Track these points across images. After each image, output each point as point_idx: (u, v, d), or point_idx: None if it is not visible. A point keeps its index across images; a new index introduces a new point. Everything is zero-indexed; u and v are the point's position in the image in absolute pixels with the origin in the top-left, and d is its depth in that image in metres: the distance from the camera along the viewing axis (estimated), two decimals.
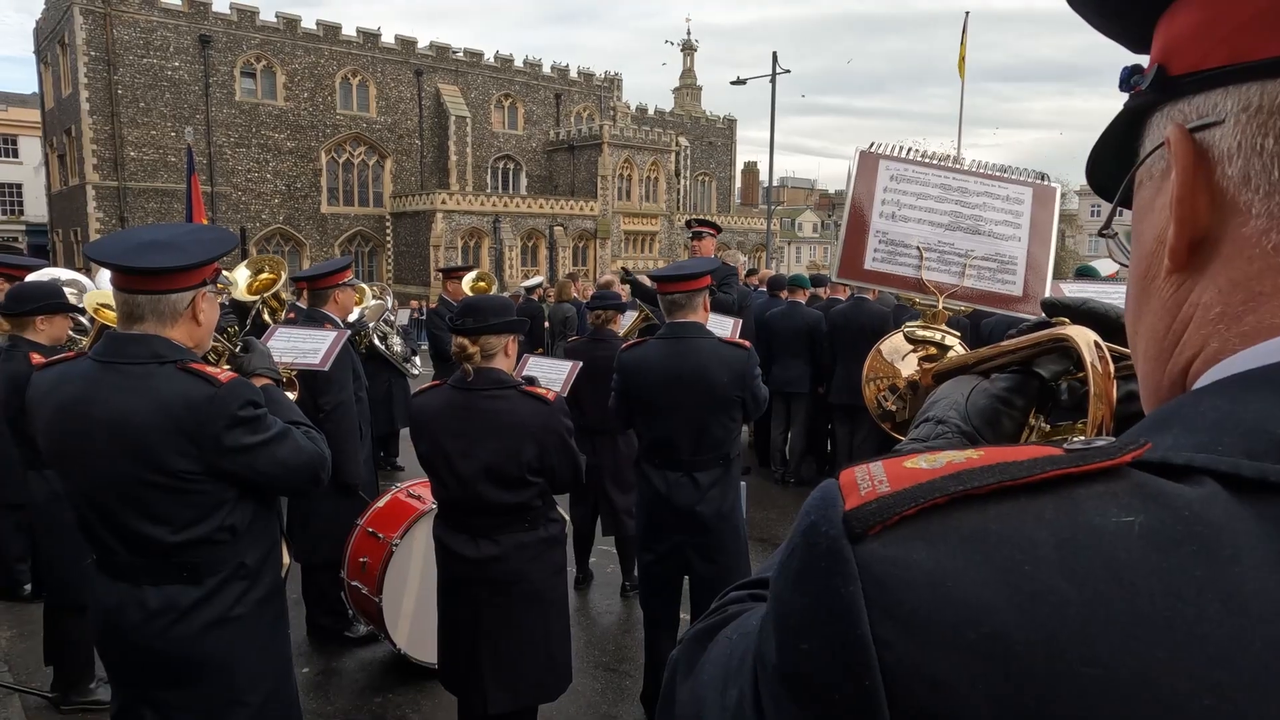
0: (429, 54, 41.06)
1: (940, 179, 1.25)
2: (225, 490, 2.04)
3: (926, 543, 0.37)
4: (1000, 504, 0.37)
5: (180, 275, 1.99)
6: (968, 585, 0.35)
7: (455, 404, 2.77)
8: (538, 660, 2.87)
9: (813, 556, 0.39)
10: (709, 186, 53.14)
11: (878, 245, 1.23)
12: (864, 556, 0.37)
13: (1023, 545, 0.36)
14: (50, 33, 35.49)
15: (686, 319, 3.42)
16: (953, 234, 1.23)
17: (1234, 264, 0.43)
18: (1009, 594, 0.35)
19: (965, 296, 1.21)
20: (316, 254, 37.34)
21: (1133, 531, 0.35)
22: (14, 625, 4.56)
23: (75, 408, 1.99)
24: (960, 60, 26.32)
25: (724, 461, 3.45)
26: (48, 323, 3.85)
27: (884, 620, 0.36)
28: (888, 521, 0.38)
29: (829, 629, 0.38)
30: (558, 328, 8.97)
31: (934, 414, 0.86)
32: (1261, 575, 0.34)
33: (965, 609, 0.35)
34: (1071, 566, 0.35)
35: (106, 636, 2.09)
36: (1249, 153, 0.42)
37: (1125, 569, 0.34)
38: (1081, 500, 0.37)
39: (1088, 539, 0.36)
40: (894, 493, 0.39)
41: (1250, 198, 0.42)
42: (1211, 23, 0.43)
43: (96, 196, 33.03)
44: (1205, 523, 0.35)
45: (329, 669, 4.18)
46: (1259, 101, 0.41)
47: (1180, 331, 0.47)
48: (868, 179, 1.25)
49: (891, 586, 0.36)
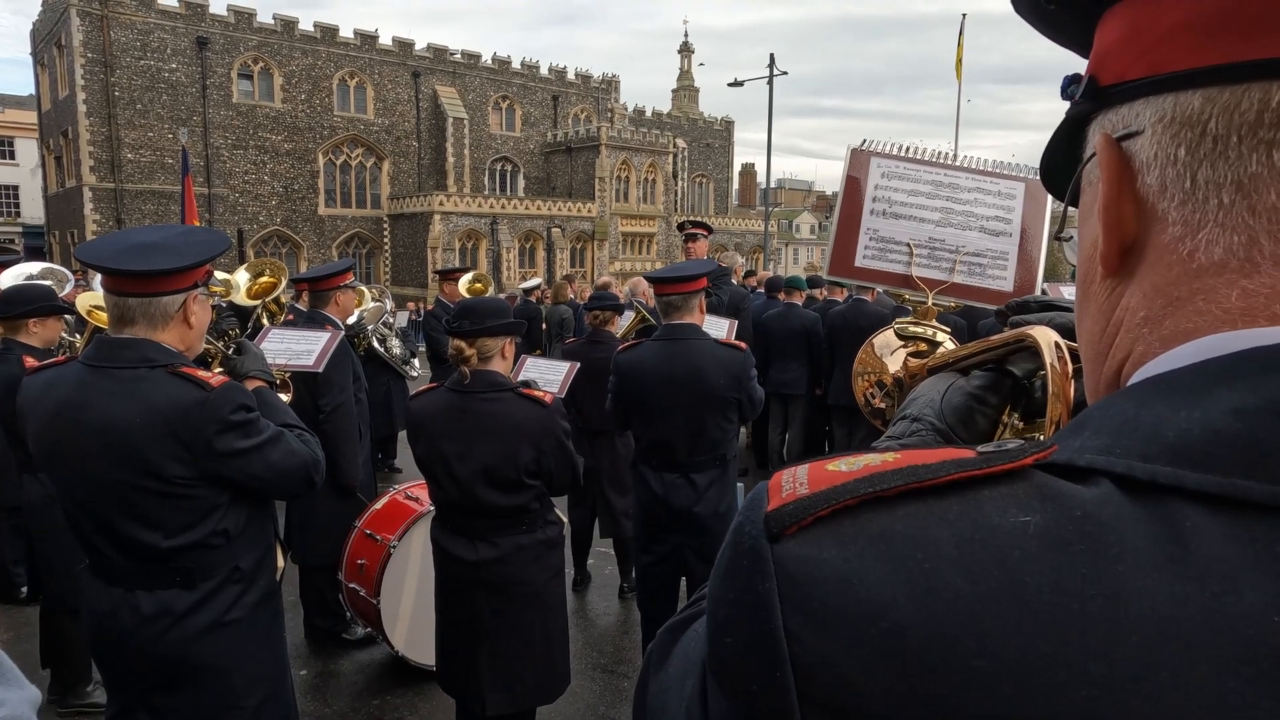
0: (426, 56, 41.05)
1: (932, 175, 1.25)
2: (218, 495, 2.03)
3: (837, 542, 0.39)
4: (908, 505, 0.39)
5: (171, 278, 1.98)
6: (872, 582, 0.37)
7: (452, 406, 2.76)
8: (536, 662, 2.86)
9: (737, 555, 0.41)
10: (706, 188, 53.16)
11: (868, 242, 1.23)
12: (780, 555, 0.39)
13: (924, 544, 0.38)
14: (47, 34, 35.44)
15: (683, 320, 3.42)
16: (944, 230, 1.23)
17: (1155, 270, 0.45)
18: (909, 590, 0.36)
19: (955, 292, 1.21)
20: (314, 256, 37.31)
21: (1028, 531, 0.37)
22: (10, 628, 4.55)
23: (66, 413, 1.98)
24: (958, 62, 26.35)
25: (720, 462, 3.45)
26: (40, 325, 3.84)
27: (795, 615, 0.38)
28: (803, 522, 0.40)
29: (747, 624, 0.39)
30: (555, 329, 8.97)
31: (910, 411, 0.86)
32: (1143, 574, 0.35)
33: (869, 604, 0.37)
34: (967, 564, 0.37)
35: (101, 641, 2.08)
36: (1164, 162, 0.43)
37: (1017, 566, 0.36)
38: (984, 501, 0.39)
39: (985, 537, 0.37)
40: (810, 495, 0.41)
41: (1167, 206, 0.44)
42: (1132, 36, 0.45)
43: (93, 198, 32.97)
44: (1095, 522, 0.37)
45: (326, 671, 4.17)
46: (1172, 113, 0.43)
47: (1113, 335, 0.48)
48: (859, 176, 1.25)
49: (803, 583, 0.38)
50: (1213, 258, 0.42)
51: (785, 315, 7.38)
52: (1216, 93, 0.41)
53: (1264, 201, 0.40)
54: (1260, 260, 0.41)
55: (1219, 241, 0.42)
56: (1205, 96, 0.41)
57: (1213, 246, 0.42)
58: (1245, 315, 0.41)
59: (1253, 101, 0.40)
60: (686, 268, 3.70)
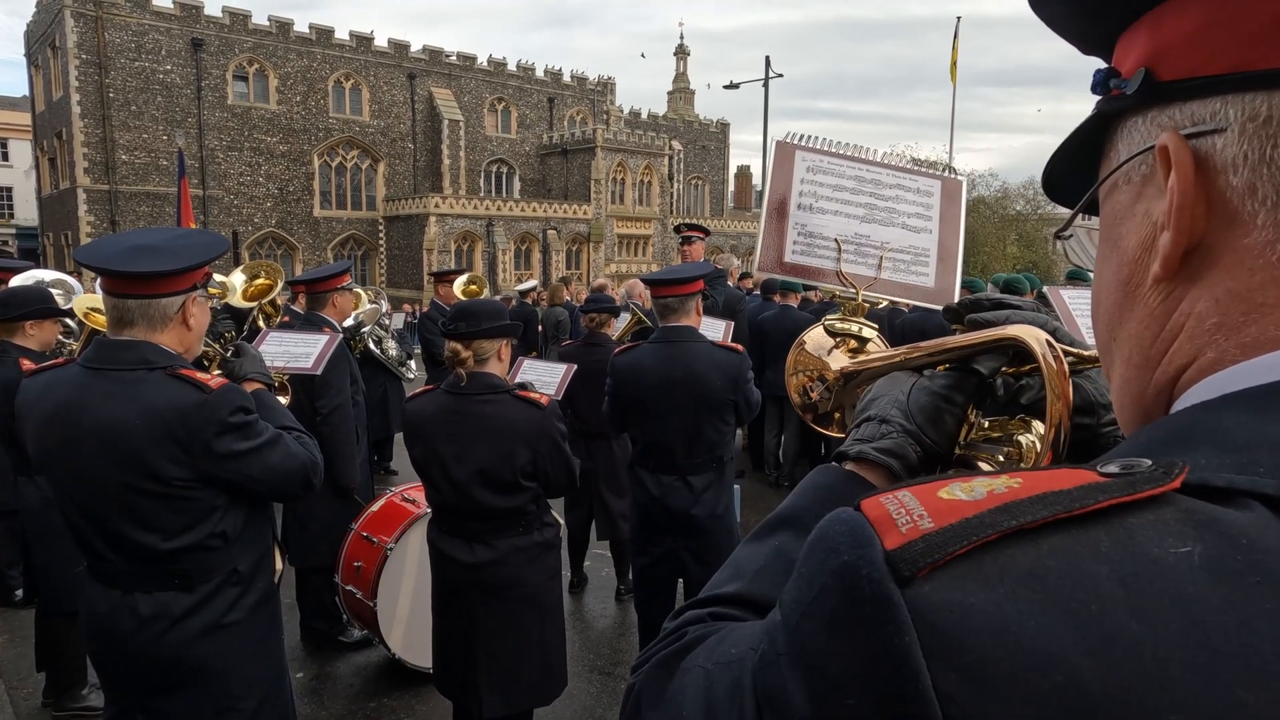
0: (422, 58, 41.04)
1: (855, 171, 1.25)
2: (216, 496, 2.03)
3: (982, 584, 0.34)
4: (1053, 537, 0.35)
5: (170, 279, 1.98)
6: (1034, 630, 0.33)
7: (448, 408, 2.77)
8: (533, 664, 2.86)
9: (853, 602, 0.36)
10: (702, 190, 53.21)
11: (797, 238, 1.22)
12: (916, 603, 0.35)
13: (1084, 583, 0.34)
14: (41, 35, 35.33)
15: (679, 323, 3.43)
16: (868, 226, 1.23)
17: (1235, 274, 0.42)
18: (1079, 638, 0.32)
19: (882, 289, 1.21)
20: (309, 258, 37.25)
21: (1193, 563, 0.34)
22: (5, 631, 4.53)
23: (64, 415, 1.98)
24: (952, 65, 26.41)
25: (717, 464, 3.45)
26: (37, 328, 3.83)
27: (946, 672, 0.33)
28: (938, 563, 0.35)
29: (882, 683, 0.35)
30: (551, 331, 8.97)
31: (875, 412, 0.84)
32: None
33: (1035, 656, 0.33)
34: (1139, 605, 0.33)
35: (99, 644, 2.07)
36: (1256, 163, 0.41)
37: (1194, 605, 0.32)
38: (1134, 531, 0.35)
39: (1150, 573, 0.33)
40: (939, 529, 0.36)
41: (1255, 209, 0.41)
42: (1213, 28, 0.42)
43: (87, 200, 32.89)
44: (1264, 550, 0.34)
45: (323, 674, 4.16)
46: (1267, 112, 0.40)
47: (1170, 340, 0.46)
48: (785, 170, 1.24)
49: (951, 634, 0.34)
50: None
51: (780, 317, 7.39)
52: None
53: None
54: None
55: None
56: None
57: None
58: None
59: None
60: (683, 270, 3.71)
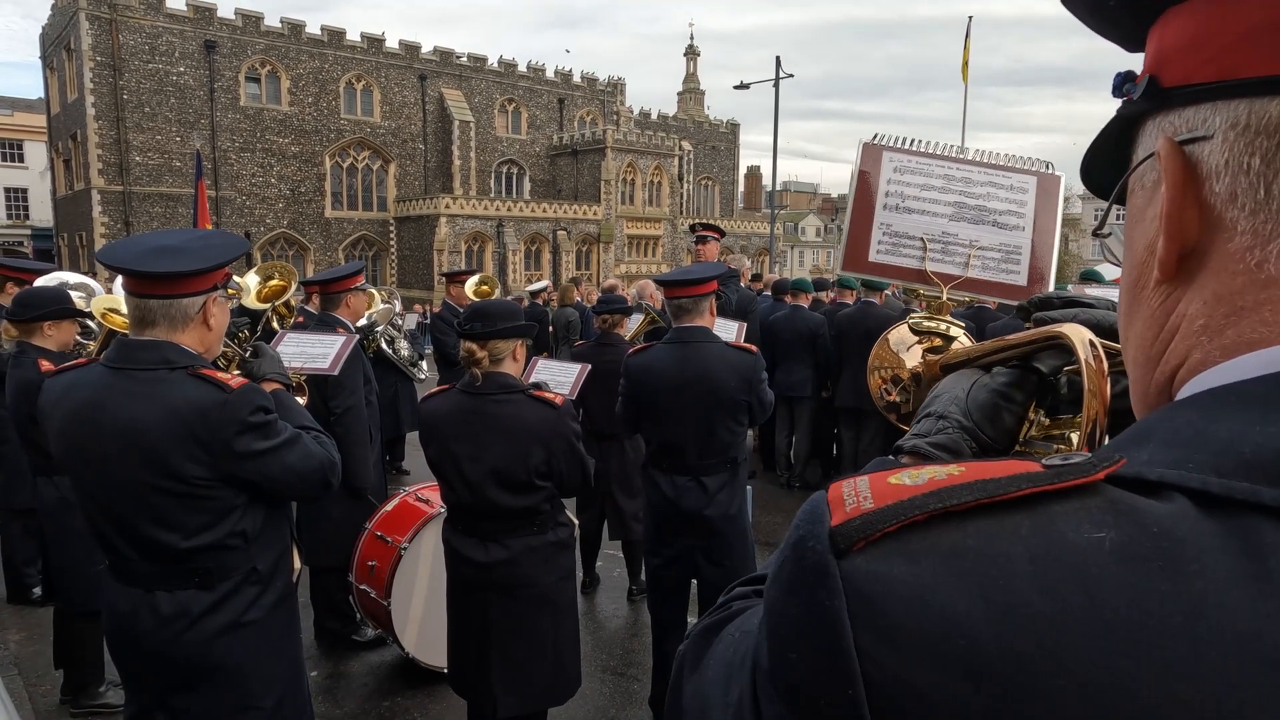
0: (433, 59, 41.19)
1: (944, 169, 1.25)
2: (236, 496, 2.04)
3: (907, 558, 0.38)
4: (979, 520, 0.39)
5: (192, 280, 1.99)
6: (945, 599, 0.37)
7: (463, 408, 2.78)
8: (547, 664, 2.87)
9: (801, 569, 0.41)
10: (712, 191, 53.18)
11: (882, 237, 1.23)
12: (848, 571, 0.39)
13: (999, 560, 0.37)
14: (56, 38, 35.65)
15: (693, 323, 3.42)
16: (957, 224, 1.23)
17: (1219, 278, 0.44)
18: (984, 608, 0.36)
19: (969, 287, 1.21)
20: (320, 258, 37.44)
21: (1104, 547, 0.37)
22: (23, 629, 4.57)
23: (87, 414, 1.99)
24: (964, 65, 26.31)
25: (731, 465, 3.45)
26: (55, 328, 3.86)
27: (866, 633, 0.38)
28: (871, 537, 0.39)
29: (815, 640, 0.39)
30: (561, 332, 8.98)
31: (935, 409, 0.86)
32: (1223, 591, 0.35)
33: (943, 622, 0.36)
34: (1043, 581, 0.36)
35: (120, 642, 2.09)
36: (1236, 170, 0.42)
37: (1094, 583, 0.36)
38: (1057, 517, 0.38)
39: (1061, 554, 0.37)
40: (877, 509, 0.40)
41: (1236, 215, 0.43)
42: (1203, 36, 0.43)
43: (101, 201, 33.15)
44: (1172, 538, 0.36)
45: (336, 673, 4.18)
46: (1246, 120, 0.42)
47: (1167, 340, 0.47)
48: (871, 171, 1.25)
49: (874, 600, 0.38)
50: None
51: (792, 318, 7.38)
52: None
53: None
54: None
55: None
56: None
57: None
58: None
59: None
60: (697, 270, 3.71)
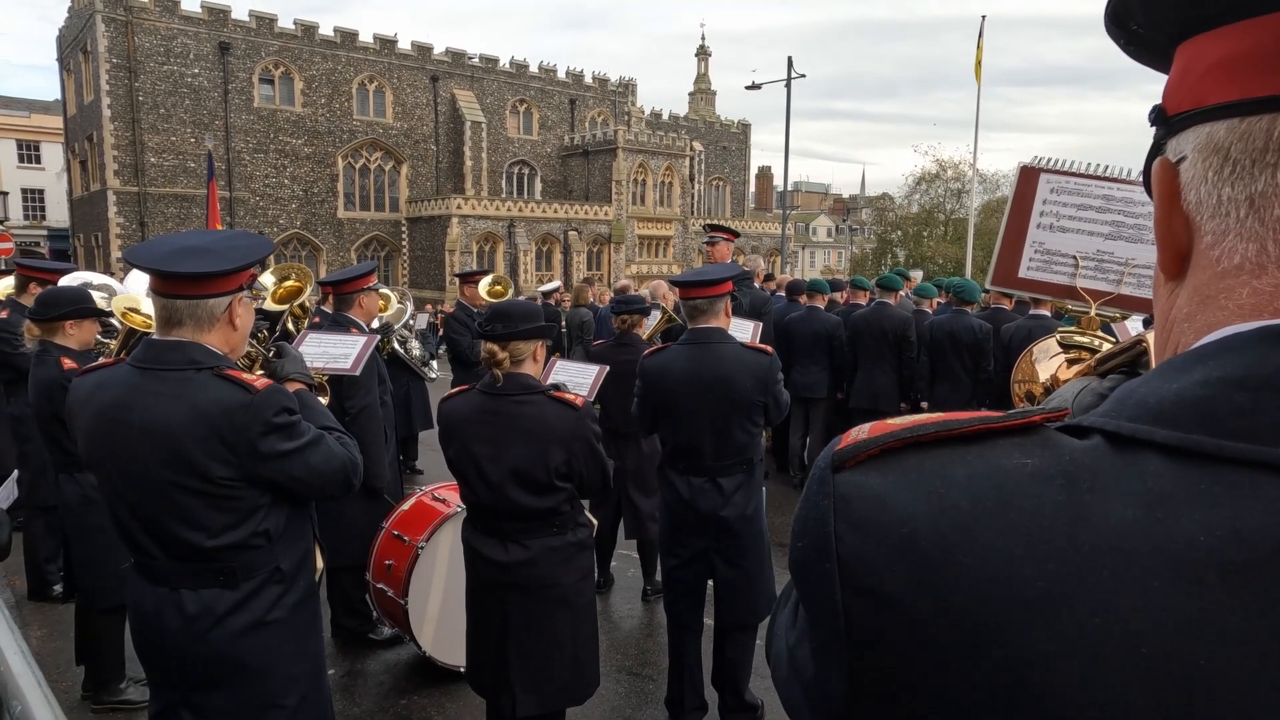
0: (445, 60, 41.31)
1: (1104, 190, 1.29)
2: (260, 496, 2.05)
3: (880, 473, 0.51)
4: (939, 449, 0.51)
5: (219, 280, 2.01)
6: (900, 502, 0.49)
7: (484, 409, 2.79)
8: (565, 664, 2.87)
9: (811, 481, 0.54)
10: (723, 191, 53.12)
11: (1033, 255, 1.28)
12: (838, 481, 0.52)
13: (944, 476, 0.49)
14: (73, 40, 35.96)
15: (709, 324, 3.42)
16: (1113, 243, 1.28)
17: (1196, 274, 0.53)
18: (925, 508, 0.48)
19: (1121, 304, 1.25)
20: (333, 259, 37.62)
21: (1025, 469, 0.48)
22: (44, 625, 4.62)
23: (114, 413, 2.01)
24: (977, 64, 26.16)
25: (747, 466, 3.45)
26: (77, 327, 3.90)
27: (842, 523, 0.51)
28: (859, 457, 0.52)
29: (811, 530, 0.52)
30: (575, 332, 9.00)
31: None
32: (1105, 501, 0.45)
33: (894, 516, 0.49)
34: (972, 490, 0.48)
35: (145, 640, 2.11)
36: (1199, 183, 0.51)
37: (1008, 492, 0.47)
38: (998, 447, 0.50)
39: (991, 472, 0.48)
40: (866, 439, 0.53)
41: (1205, 220, 0.52)
42: (1185, 72, 0.53)
43: (117, 202, 33.42)
44: (1079, 465, 0.47)
45: (353, 671, 4.21)
46: (1205, 140, 0.51)
47: (1168, 330, 0.56)
48: (1027, 192, 1.30)
49: (851, 501, 0.51)
50: (1233, 262, 0.50)
51: (807, 318, 7.37)
52: (1236, 123, 0.49)
53: (1271, 214, 0.48)
54: (1267, 263, 0.49)
55: (1237, 249, 0.50)
56: (1228, 127, 0.49)
57: (1233, 253, 0.50)
58: (1254, 310, 0.49)
59: (1260, 131, 0.48)
60: (712, 271, 3.71)
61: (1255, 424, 0.44)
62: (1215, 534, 0.42)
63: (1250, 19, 0.48)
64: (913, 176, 42.37)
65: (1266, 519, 0.42)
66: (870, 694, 0.50)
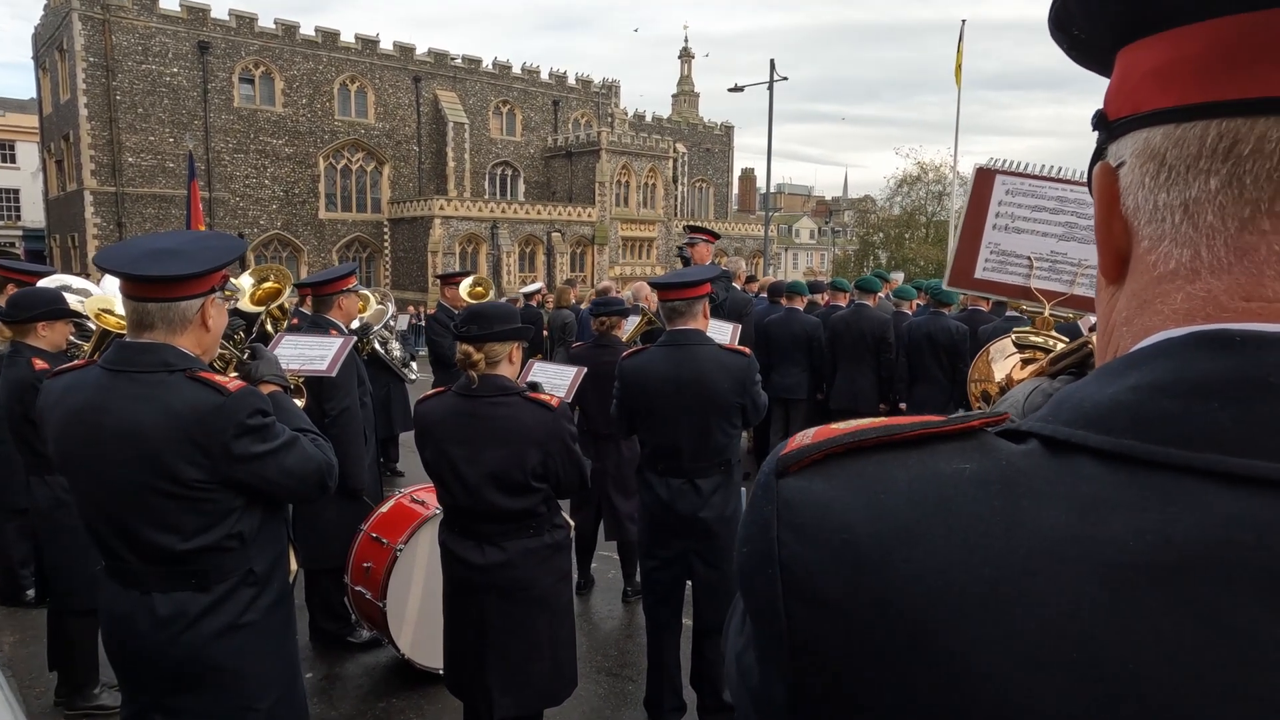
0: (427, 60, 41.13)
1: (1058, 192, 1.30)
2: (234, 498, 2.04)
3: (824, 478, 0.51)
4: (881, 454, 0.51)
5: (189, 283, 2.00)
6: (841, 507, 0.49)
7: (460, 411, 2.79)
8: (544, 665, 2.88)
9: (758, 487, 0.54)
10: (706, 193, 53.24)
11: (989, 256, 1.29)
12: (782, 486, 0.52)
13: (884, 480, 0.49)
14: (49, 39, 35.50)
15: (687, 326, 3.44)
16: (1067, 244, 1.29)
17: (1133, 278, 0.54)
18: (866, 513, 0.48)
19: (1074, 304, 1.26)
20: (314, 260, 37.34)
21: (964, 474, 0.48)
22: (17, 630, 4.56)
23: (85, 416, 2.00)
24: (957, 68, 26.37)
25: (725, 467, 3.47)
26: (49, 329, 3.86)
27: (784, 529, 0.50)
28: (802, 462, 0.52)
29: (755, 537, 0.52)
30: (557, 334, 9.00)
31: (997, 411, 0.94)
32: (1039, 506, 0.45)
33: (835, 521, 0.49)
34: (912, 494, 0.48)
35: (116, 644, 2.09)
36: (1137, 188, 0.52)
37: (947, 498, 0.47)
38: (938, 452, 0.50)
39: (930, 477, 0.49)
40: (810, 444, 0.53)
41: (1141, 225, 0.52)
42: (1124, 78, 0.53)
43: (94, 202, 33.01)
44: (1015, 469, 0.48)
45: (332, 674, 4.19)
46: (1143, 146, 0.51)
47: (1109, 334, 0.57)
48: (983, 193, 1.31)
49: (793, 506, 0.51)
50: (1168, 267, 0.51)
51: (787, 320, 7.41)
52: (1171, 129, 0.49)
53: (1204, 220, 0.49)
54: (1200, 268, 0.50)
55: (1172, 254, 0.51)
56: (1164, 133, 0.50)
57: (1168, 258, 0.51)
58: (1187, 315, 0.50)
59: (1194, 138, 0.48)
60: (690, 273, 3.73)
61: (1184, 429, 0.45)
62: (1145, 538, 0.43)
63: (1184, 26, 0.48)
64: (894, 179, 42.75)
65: (1195, 524, 0.42)
66: (812, 698, 0.50)
